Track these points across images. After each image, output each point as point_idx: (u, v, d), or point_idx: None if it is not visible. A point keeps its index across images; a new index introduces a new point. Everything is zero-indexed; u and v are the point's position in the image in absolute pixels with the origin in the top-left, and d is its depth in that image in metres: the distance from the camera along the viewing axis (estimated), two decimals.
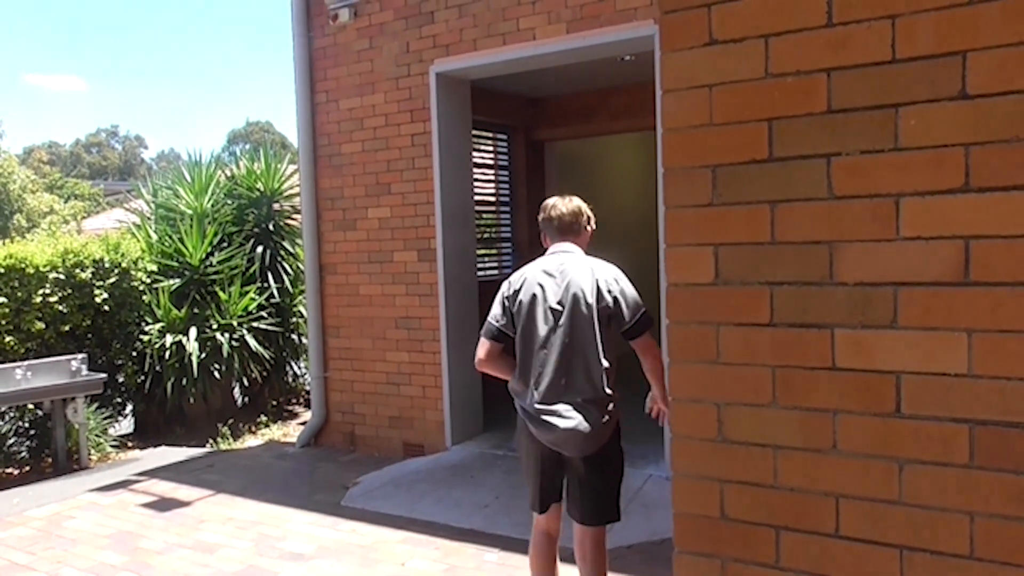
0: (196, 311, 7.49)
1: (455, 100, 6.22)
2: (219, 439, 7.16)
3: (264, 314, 7.78)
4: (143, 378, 7.34)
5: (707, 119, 1.77)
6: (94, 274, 7.06)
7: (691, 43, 1.78)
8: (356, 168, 6.51)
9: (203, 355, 7.28)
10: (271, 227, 8.24)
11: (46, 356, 6.60)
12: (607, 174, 9.33)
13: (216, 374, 7.48)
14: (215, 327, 7.40)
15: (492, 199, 8.10)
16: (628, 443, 5.62)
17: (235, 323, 7.47)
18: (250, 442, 7.24)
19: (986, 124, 1.49)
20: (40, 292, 6.63)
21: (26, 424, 6.70)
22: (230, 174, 8.53)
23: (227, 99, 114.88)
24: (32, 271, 6.62)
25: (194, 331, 7.30)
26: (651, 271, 5.22)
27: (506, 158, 8.25)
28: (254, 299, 7.63)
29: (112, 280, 7.17)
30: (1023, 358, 1.47)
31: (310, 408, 7.16)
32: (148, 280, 7.47)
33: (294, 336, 8.28)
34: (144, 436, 7.51)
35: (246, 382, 8.07)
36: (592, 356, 2.99)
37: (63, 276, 6.83)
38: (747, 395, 1.75)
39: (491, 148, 8.07)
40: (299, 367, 8.60)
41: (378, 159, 6.38)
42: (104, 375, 6.59)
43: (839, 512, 1.66)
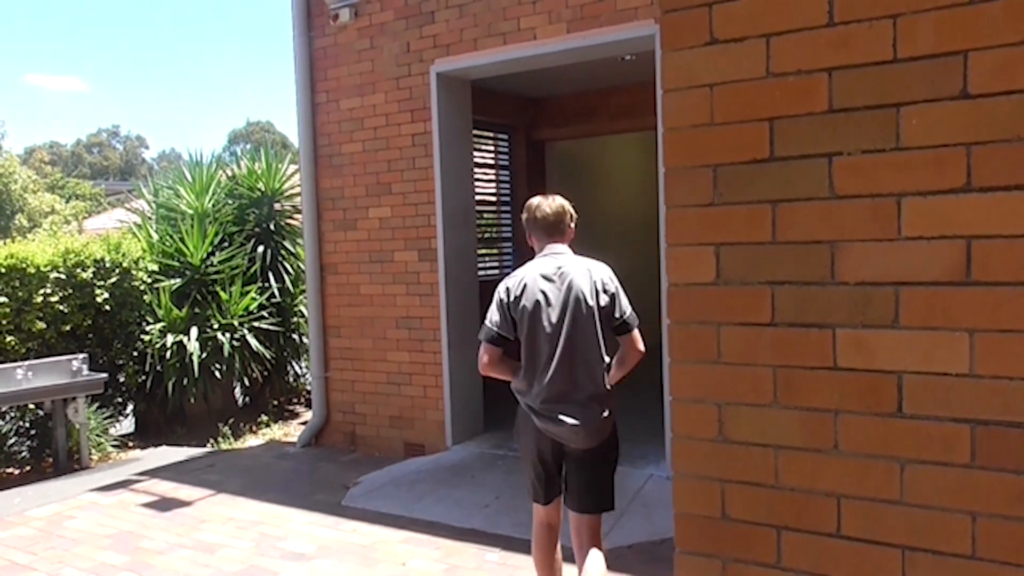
0: (197, 311, 7.49)
1: (456, 100, 6.22)
2: (220, 439, 7.16)
3: (265, 314, 7.79)
4: (144, 378, 7.34)
5: (708, 119, 1.77)
6: (95, 274, 7.06)
7: (692, 42, 1.77)
8: (357, 168, 6.51)
9: (204, 355, 7.28)
10: (272, 227, 8.24)
11: (47, 356, 6.61)
12: (608, 174, 9.32)
13: (217, 374, 7.49)
14: (216, 327, 7.41)
15: (493, 199, 8.10)
16: (629, 443, 5.66)
17: (236, 323, 7.48)
18: (251, 442, 7.24)
19: (987, 124, 1.49)
20: (41, 292, 6.64)
21: (27, 424, 6.71)
22: (231, 174, 8.53)
23: (228, 99, 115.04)
24: (33, 271, 6.62)
25: (195, 331, 7.31)
26: (652, 271, 5.22)
27: (507, 158, 8.25)
28: (255, 299, 7.63)
29: (113, 280, 7.17)
30: None
31: (311, 408, 7.16)
32: (149, 280, 7.48)
33: (295, 336, 8.28)
34: (145, 436, 7.51)
35: (247, 382, 8.08)
36: (594, 355, 3.08)
37: (64, 276, 6.83)
38: (748, 395, 1.75)
39: (492, 148, 8.08)
40: (300, 367, 8.60)
41: (379, 159, 6.38)
42: (105, 375, 6.60)
43: (840, 512, 1.66)
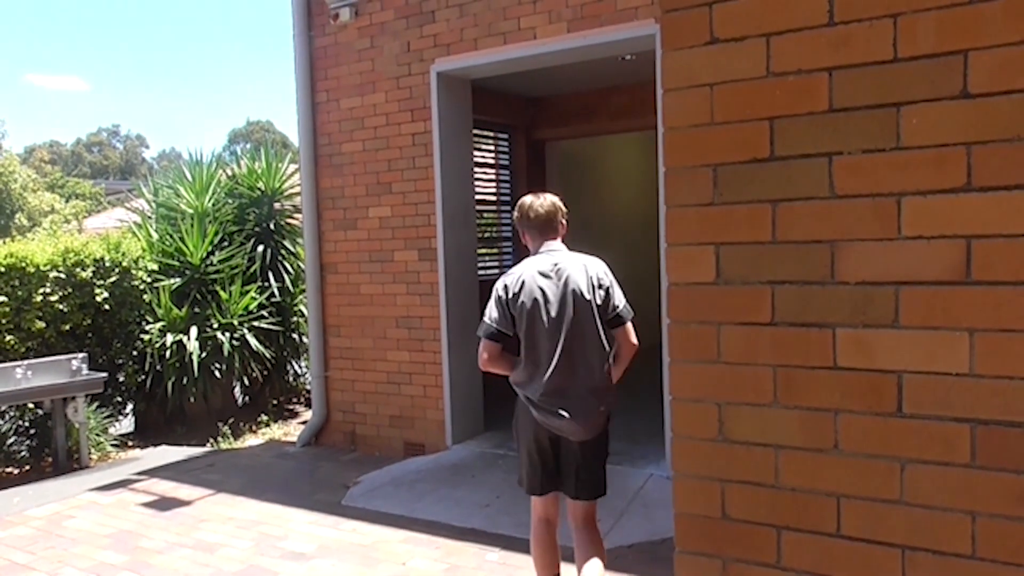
0: (197, 310, 7.49)
1: (456, 99, 6.21)
2: (220, 438, 7.16)
3: (265, 313, 7.78)
4: (143, 377, 7.34)
5: (708, 118, 1.77)
6: (95, 273, 7.06)
7: (692, 42, 1.77)
8: (357, 167, 6.51)
9: (204, 354, 7.28)
10: (272, 226, 8.24)
11: (46, 355, 6.60)
12: (608, 174, 9.32)
13: (217, 373, 7.48)
14: (216, 326, 7.41)
15: (493, 198, 8.10)
16: (629, 443, 5.68)
17: (236, 322, 7.48)
18: (251, 441, 7.24)
19: (988, 123, 1.49)
20: (41, 291, 6.63)
21: (26, 423, 6.71)
22: (231, 173, 8.52)
23: (228, 98, 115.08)
24: (33, 270, 6.62)
25: (195, 330, 7.30)
26: (652, 270, 5.22)
27: (507, 157, 8.24)
28: (255, 298, 7.63)
29: (113, 279, 7.17)
30: None
31: (311, 407, 7.16)
32: (149, 279, 7.47)
33: (295, 335, 8.28)
34: (144, 435, 7.51)
35: (247, 381, 8.07)
36: (593, 349, 3.14)
37: (64, 275, 6.83)
38: (748, 395, 1.75)
39: (492, 147, 8.07)
40: (300, 366, 8.60)
41: (379, 158, 6.38)
42: (104, 374, 6.59)
43: (840, 512, 1.66)
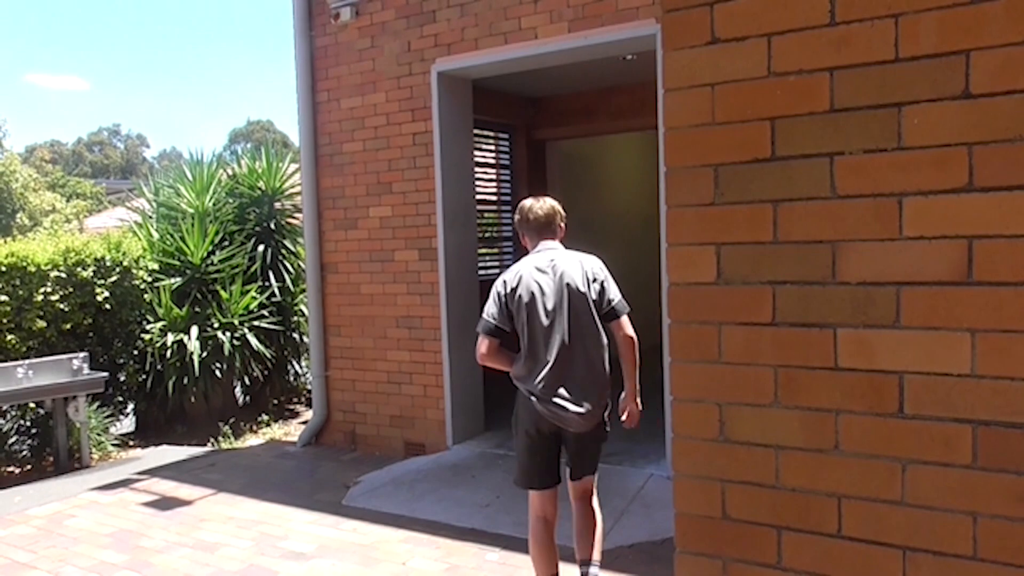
0: (197, 310, 7.49)
1: (456, 99, 6.21)
2: (220, 438, 7.16)
3: (265, 313, 7.78)
4: (144, 377, 7.34)
5: (709, 118, 1.76)
6: (95, 272, 7.06)
7: (693, 42, 1.77)
8: (357, 167, 6.51)
9: (204, 354, 7.28)
10: (272, 226, 8.24)
11: (47, 355, 6.60)
12: (609, 173, 9.32)
13: (217, 373, 7.48)
14: (216, 326, 7.41)
15: (493, 198, 8.10)
16: (630, 442, 5.67)
17: (236, 322, 7.48)
18: (251, 441, 7.24)
19: (989, 123, 1.48)
20: (41, 290, 6.63)
21: (27, 423, 6.71)
22: (231, 173, 8.52)
23: (229, 98, 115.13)
24: (33, 269, 6.62)
25: (195, 330, 7.31)
26: (653, 270, 5.22)
27: (507, 157, 8.24)
28: (255, 298, 7.63)
29: (113, 279, 7.17)
30: None
31: (311, 407, 7.16)
32: (149, 279, 7.48)
33: (295, 335, 8.28)
34: (145, 435, 7.51)
35: (247, 381, 8.08)
36: (591, 341, 3.23)
37: (64, 274, 6.83)
38: (749, 395, 1.75)
39: (492, 147, 8.07)
40: (300, 366, 8.60)
41: (379, 158, 6.38)
42: (105, 374, 6.60)
43: (841, 512, 1.66)
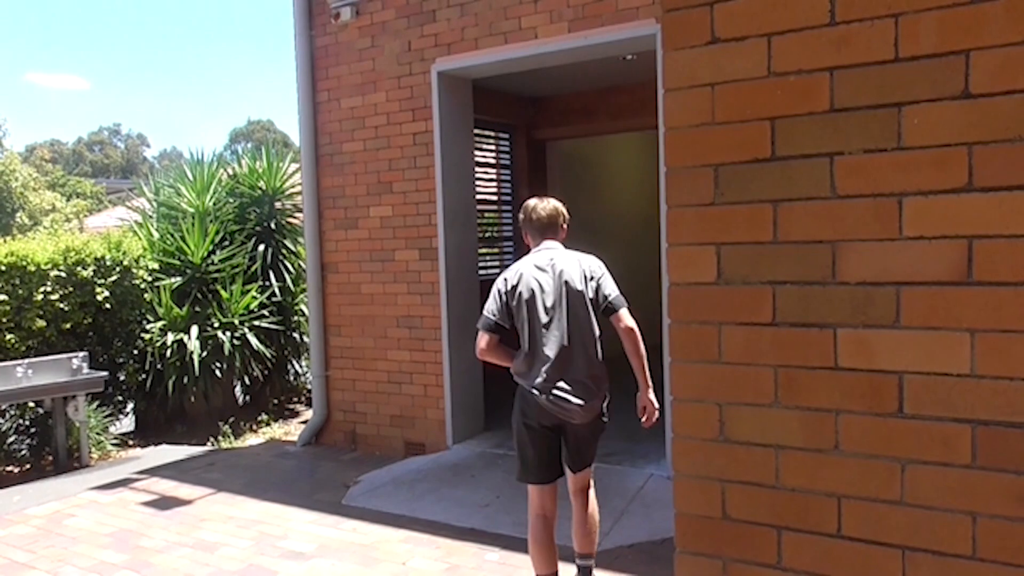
0: (197, 309, 7.49)
1: (457, 99, 6.21)
2: (220, 438, 7.16)
3: (265, 312, 7.78)
4: (144, 376, 7.34)
5: (709, 118, 1.76)
6: (95, 272, 7.06)
7: (693, 42, 1.77)
8: (358, 167, 6.51)
9: (204, 353, 7.28)
10: (273, 225, 8.24)
11: (47, 354, 6.60)
12: (609, 173, 9.32)
13: (217, 372, 7.48)
14: (216, 325, 7.41)
15: (494, 198, 8.10)
16: (630, 442, 5.67)
17: (236, 321, 7.48)
18: (251, 441, 7.24)
19: (989, 123, 1.48)
20: (41, 290, 6.63)
21: (27, 422, 6.71)
22: (232, 172, 8.52)
23: (229, 97, 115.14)
24: (33, 269, 6.62)
25: (195, 329, 7.31)
26: (653, 270, 5.22)
27: (508, 157, 8.25)
28: (256, 297, 7.63)
29: (114, 278, 7.17)
30: None
31: (311, 407, 7.16)
32: (150, 278, 7.48)
33: (295, 335, 8.28)
34: (145, 434, 7.51)
35: (247, 381, 8.07)
36: (588, 337, 3.34)
37: (64, 274, 6.83)
38: (749, 395, 1.75)
39: (493, 147, 8.08)
40: (300, 366, 8.60)
41: (380, 158, 6.38)
42: (105, 373, 6.60)
43: (841, 512, 1.66)
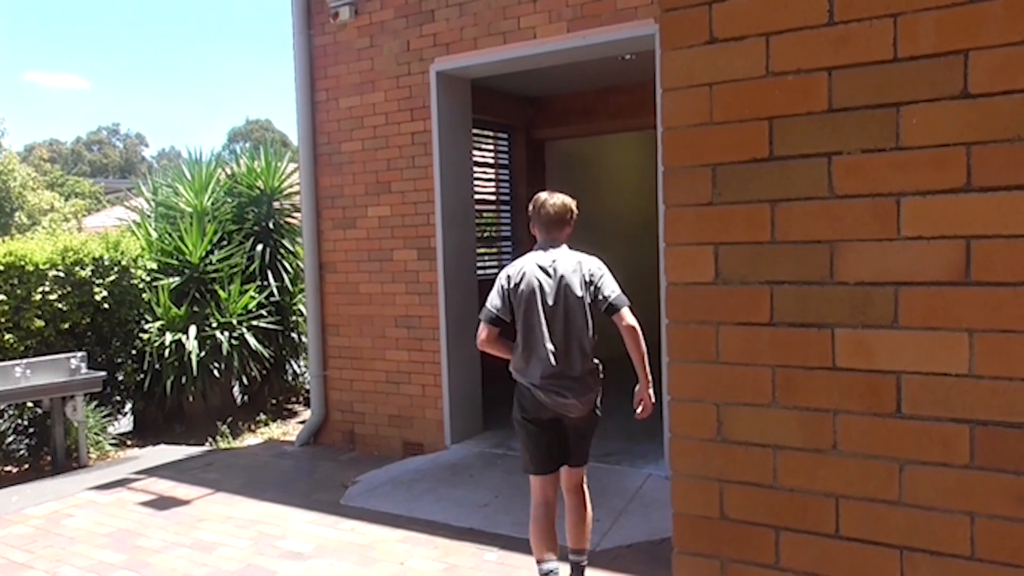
0: (196, 309, 7.48)
1: (455, 99, 6.21)
2: (218, 437, 7.15)
3: (264, 312, 7.77)
4: (142, 376, 7.33)
5: (707, 118, 1.76)
6: (94, 272, 7.05)
7: (692, 41, 1.77)
8: (356, 166, 6.50)
9: (203, 353, 7.27)
10: (271, 225, 8.23)
11: (45, 354, 6.59)
12: (607, 173, 9.32)
13: (215, 372, 7.48)
14: (215, 325, 7.40)
15: (492, 198, 8.10)
16: (628, 442, 5.67)
17: (235, 321, 7.47)
18: (249, 441, 7.23)
19: (988, 123, 1.48)
20: (40, 290, 6.62)
21: (25, 422, 6.70)
22: (230, 172, 8.51)
23: (228, 97, 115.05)
24: (32, 269, 6.61)
25: (194, 329, 7.30)
26: (651, 270, 5.22)
27: (506, 157, 8.25)
28: (254, 297, 7.62)
29: (112, 278, 7.16)
30: None
31: (310, 407, 7.16)
32: (148, 278, 7.47)
33: (294, 334, 8.27)
34: (143, 434, 7.50)
35: (245, 380, 8.06)
36: (584, 335, 3.45)
37: (63, 274, 6.82)
38: (747, 395, 1.75)
39: (491, 147, 8.08)
40: (299, 366, 8.59)
41: (378, 157, 6.37)
42: (103, 373, 6.59)
43: (839, 512, 1.66)
